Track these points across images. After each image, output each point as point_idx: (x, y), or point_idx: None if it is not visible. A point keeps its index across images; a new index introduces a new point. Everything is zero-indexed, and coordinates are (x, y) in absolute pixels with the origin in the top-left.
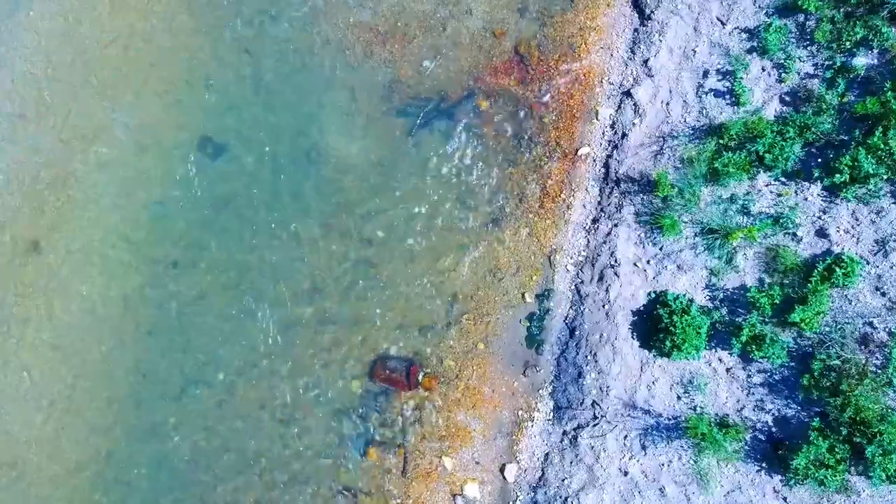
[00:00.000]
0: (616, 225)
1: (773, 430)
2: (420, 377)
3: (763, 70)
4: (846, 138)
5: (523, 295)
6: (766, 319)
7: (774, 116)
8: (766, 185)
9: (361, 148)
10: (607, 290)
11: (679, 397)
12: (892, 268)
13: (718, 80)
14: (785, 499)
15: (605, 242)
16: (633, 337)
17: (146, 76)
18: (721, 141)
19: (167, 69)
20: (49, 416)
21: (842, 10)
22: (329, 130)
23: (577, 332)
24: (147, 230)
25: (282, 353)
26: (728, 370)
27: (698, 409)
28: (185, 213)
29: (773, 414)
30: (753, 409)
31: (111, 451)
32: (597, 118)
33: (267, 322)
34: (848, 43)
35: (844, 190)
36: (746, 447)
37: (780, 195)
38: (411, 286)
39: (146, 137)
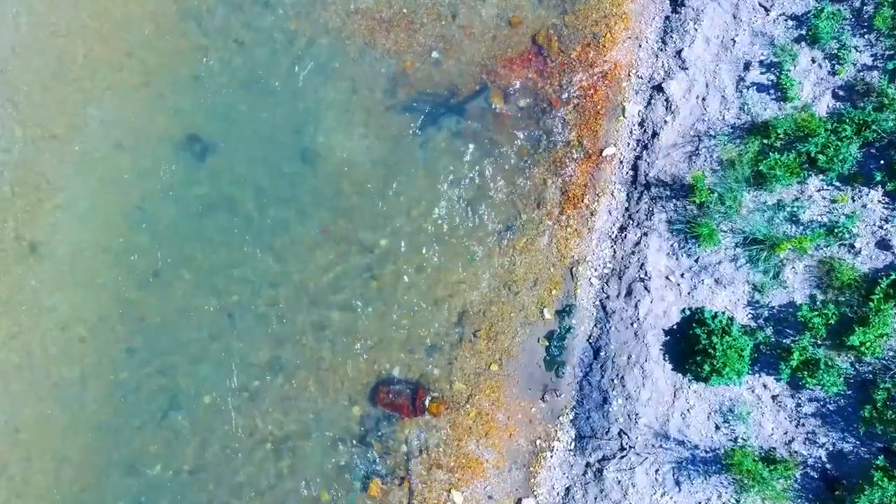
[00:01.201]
0: (646, 234)
1: (828, 466)
2: (427, 402)
3: (813, 61)
4: None
5: (542, 311)
6: (820, 342)
7: (827, 113)
8: (819, 191)
9: (362, 147)
10: (636, 307)
11: (718, 427)
12: None
13: (762, 73)
14: None
15: (633, 253)
16: (665, 359)
17: (124, 67)
18: (766, 140)
19: (148, 60)
20: (14, 445)
21: None
22: (327, 128)
23: (602, 353)
24: (126, 237)
25: (274, 375)
26: (774, 398)
27: (740, 440)
28: (167, 219)
29: (827, 448)
30: (804, 443)
31: (85, 485)
32: (624, 115)
33: (257, 340)
34: None
35: None
36: (797, 485)
37: (834, 201)
38: (417, 300)
39: (125, 135)
